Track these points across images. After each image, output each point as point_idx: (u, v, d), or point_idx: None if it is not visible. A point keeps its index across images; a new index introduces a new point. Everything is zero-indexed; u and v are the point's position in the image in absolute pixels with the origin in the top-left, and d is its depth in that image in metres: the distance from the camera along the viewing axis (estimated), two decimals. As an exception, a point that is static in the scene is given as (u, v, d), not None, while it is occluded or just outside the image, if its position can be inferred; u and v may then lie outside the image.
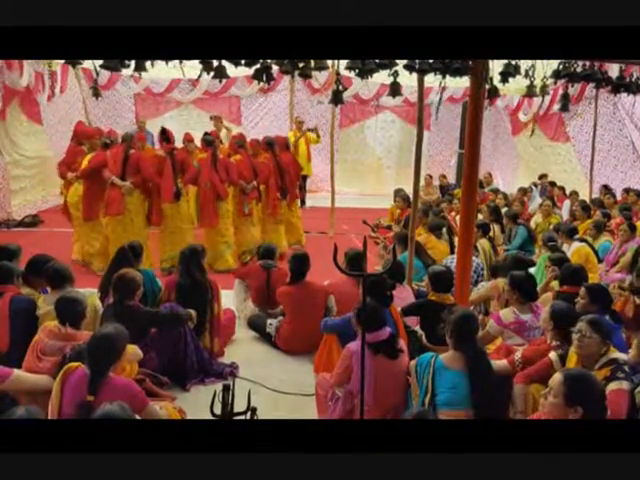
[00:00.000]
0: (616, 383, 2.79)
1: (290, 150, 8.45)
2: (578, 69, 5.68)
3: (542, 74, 6.60)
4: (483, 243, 6.39)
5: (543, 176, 10.94)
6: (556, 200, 9.22)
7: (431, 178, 11.52)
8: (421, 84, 4.96)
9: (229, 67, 5.06)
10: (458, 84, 9.55)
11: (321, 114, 12.66)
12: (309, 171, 10.97)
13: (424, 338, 4.13)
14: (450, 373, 3.07)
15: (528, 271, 4.47)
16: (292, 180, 7.98)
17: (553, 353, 3.20)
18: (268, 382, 4.19)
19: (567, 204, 9.05)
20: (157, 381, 3.89)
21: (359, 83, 10.95)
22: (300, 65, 5.02)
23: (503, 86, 5.38)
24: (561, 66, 5.70)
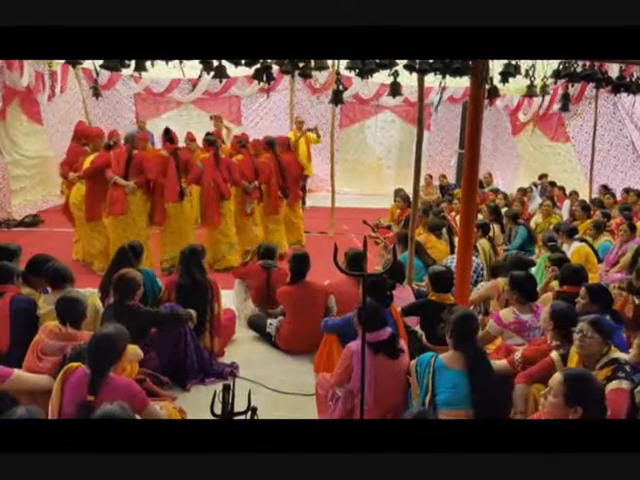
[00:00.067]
0: (616, 382, 2.79)
1: (292, 150, 8.45)
2: (578, 69, 5.68)
3: (542, 74, 6.60)
4: (483, 243, 6.39)
5: (543, 176, 10.94)
6: (556, 200, 9.22)
7: (431, 178, 11.52)
8: (421, 84, 4.96)
9: (229, 67, 5.06)
10: (458, 84, 9.55)
11: (321, 114, 12.65)
12: (309, 171, 10.96)
13: (424, 338, 4.13)
14: (450, 373, 3.08)
15: (528, 271, 4.47)
16: (295, 180, 7.99)
17: (554, 353, 3.19)
18: (268, 382, 4.19)
19: (567, 204, 9.05)
20: (157, 381, 3.89)
21: (359, 83, 10.94)
22: (300, 65, 5.03)
23: (503, 86, 5.38)
24: (561, 66, 5.70)
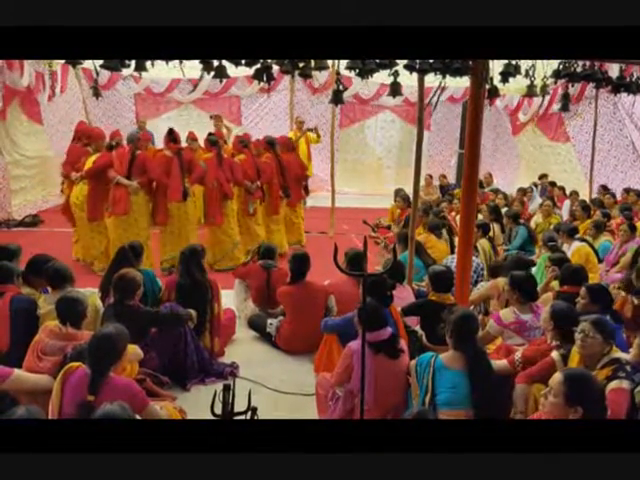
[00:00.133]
0: (616, 382, 2.79)
1: (294, 151, 8.45)
2: (578, 69, 5.68)
3: (542, 74, 6.60)
4: (483, 243, 6.39)
5: (543, 176, 10.94)
6: (556, 200, 9.22)
7: (431, 178, 11.52)
8: (421, 84, 4.96)
9: (229, 67, 5.06)
10: (458, 84, 9.55)
11: (321, 114, 12.64)
12: (310, 171, 10.96)
13: (424, 338, 4.13)
14: (450, 373, 3.08)
15: (528, 271, 4.47)
16: (297, 180, 8.01)
17: (555, 353, 3.19)
18: (268, 382, 4.19)
19: (567, 204, 9.05)
20: (157, 381, 3.89)
21: (359, 83, 10.93)
22: (300, 65, 5.03)
23: (503, 86, 5.38)
24: (561, 66, 5.70)
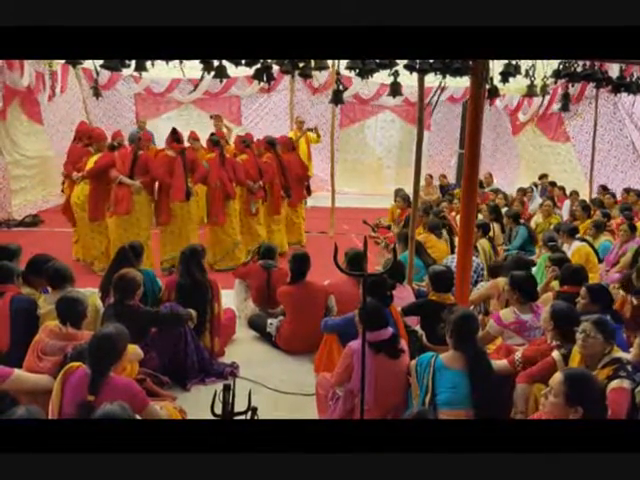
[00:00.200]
0: (617, 381, 2.79)
1: (295, 151, 8.46)
2: (578, 69, 5.68)
3: (542, 74, 6.60)
4: (483, 243, 6.39)
5: (543, 176, 10.94)
6: (556, 200, 9.22)
7: (431, 178, 11.51)
8: (421, 84, 4.96)
9: (229, 67, 5.06)
10: (458, 84, 9.55)
11: (321, 114, 12.64)
12: (310, 171, 10.96)
13: (424, 338, 4.13)
14: (450, 373, 3.07)
15: (528, 271, 4.47)
16: (298, 180, 8.02)
17: (556, 353, 3.18)
18: (268, 382, 4.19)
19: (567, 204, 9.05)
20: (158, 381, 3.89)
21: (359, 83, 10.92)
22: (300, 65, 5.02)
23: (503, 86, 5.38)
24: (561, 66, 5.70)
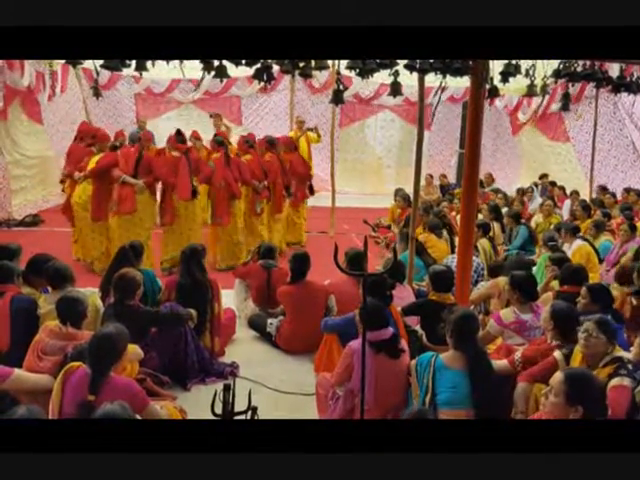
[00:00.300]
0: (617, 379, 2.79)
1: (297, 151, 8.46)
2: (578, 69, 5.68)
3: (542, 73, 6.60)
4: (483, 243, 6.39)
5: (544, 176, 10.94)
6: (556, 200, 9.22)
7: (432, 178, 11.52)
8: (422, 84, 4.96)
9: (229, 67, 5.05)
10: (458, 84, 9.53)
11: (321, 113, 12.63)
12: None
13: (424, 338, 4.13)
14: (450, 373, 3.07)
15: (529, 271, 4.47)
16: (301, 180, 8.03)
17: (557, 352, 3.18)
18: (268, 382, 4.19)
19: (567, 204, 9.05)
20: (158, 381, 3.89)
21: (359, 82, 10.92)
22: (300, 65, 5.02)
23: (503, 86, 5.38)
24: (561, 66, 5.70)
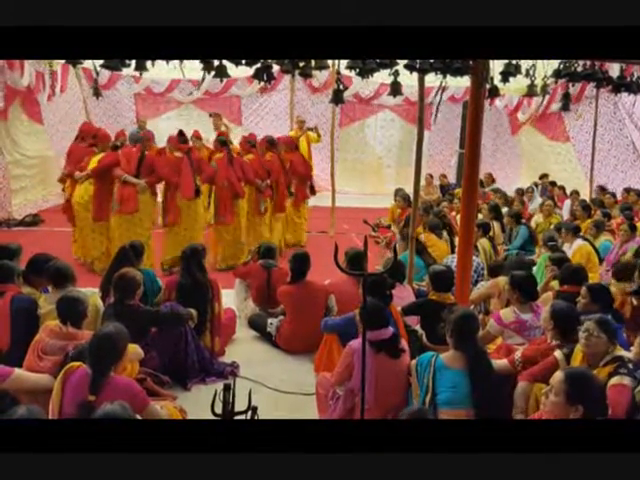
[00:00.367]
0: (617, 378, 2.79)
1: (298, 150, 8.46)
2: (578, 69, 5.68)
3: (542, 73, 6.60)
4: (483, 242, 6.39)
5: (544, 176, 10.94)
6: (557, 200, 9.22)
7: (432, 178, 11.52)
8: (422, 84, 4.95)
9: (230, 67, 5.05)
10: (459, 84, 9.53)
11: (321, 113, 12.62)
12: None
13: (424, 337, 4.13)
14: (450, 372, 3.07)
15: (529, 271, 4.47)
16: (302, 179, 8.04)
17: (558, 352, 3.18)
18: (269, 381, 4.19)
19: (567, 204, 9.05)
20: (158, 380, 3.89)
21: (359, 82, 10.93)
22: (300, 65, 5.03)
23: (503, 86, 5.38)
24: (562, 65, 5.70)
